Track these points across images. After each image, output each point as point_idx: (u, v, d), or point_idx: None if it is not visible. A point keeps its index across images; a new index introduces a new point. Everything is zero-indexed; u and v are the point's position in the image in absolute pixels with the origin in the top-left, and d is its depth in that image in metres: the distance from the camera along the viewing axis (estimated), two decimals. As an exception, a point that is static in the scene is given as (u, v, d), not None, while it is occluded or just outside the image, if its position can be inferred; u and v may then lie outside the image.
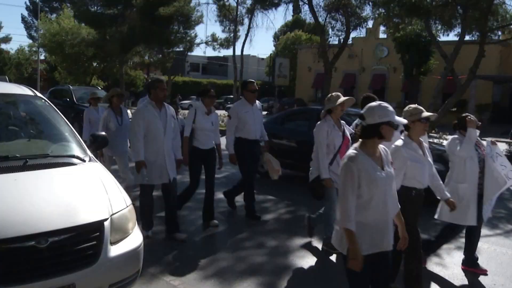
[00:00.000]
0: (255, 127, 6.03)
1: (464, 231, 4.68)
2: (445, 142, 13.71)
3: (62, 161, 3.47)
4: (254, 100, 6.06)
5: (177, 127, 5.41)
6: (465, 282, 4.38)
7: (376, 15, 18.40)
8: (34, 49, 41.10)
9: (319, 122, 4.93)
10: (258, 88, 6.39)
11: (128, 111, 7.44)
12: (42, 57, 39.42)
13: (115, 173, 5.26)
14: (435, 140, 13.72)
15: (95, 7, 27.21)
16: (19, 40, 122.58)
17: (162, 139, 4.97)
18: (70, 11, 29.44)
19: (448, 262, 4.86)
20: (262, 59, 61.71)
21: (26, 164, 3.21)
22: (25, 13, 61.52)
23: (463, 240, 5.35)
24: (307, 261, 4.77)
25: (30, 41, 48.90)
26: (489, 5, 13.61)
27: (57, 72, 31.86)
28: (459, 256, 5.00)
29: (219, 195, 7.54)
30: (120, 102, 6.90)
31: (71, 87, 16.63)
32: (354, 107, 7.11)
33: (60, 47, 26.80)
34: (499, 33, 17.79)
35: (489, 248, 5.37)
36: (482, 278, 4.45)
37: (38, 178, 3.16)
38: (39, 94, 4.12)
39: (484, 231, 6.04)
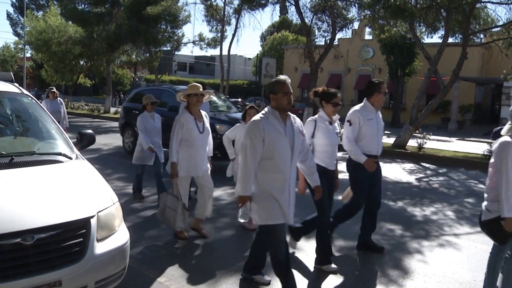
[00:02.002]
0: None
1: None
2: (428, 142, 13.97)
3: (48, 158, 3.47)
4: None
5: (306, 145, 3.84)
6: (446, 278, 4.48)
7: (362, 17, 18.58)
8: (20, 46, 40.54)
9: None
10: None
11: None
12: (28, 55, 38.91)
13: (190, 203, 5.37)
14: (419, 141, 13.97)
15: (83, 5, 26.96)
16: (4, 37, 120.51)
17: (289, 165, 3.49)
18: (57, 8, 29.11)
19: (429, 259, 4.96)
20: (249, 59, 61.76)
21: (12, 161, 3.21)
22: (11, 10, 60.59)
23: (446, 238, 5.50)
24: (292, 258, 4.82)
25: (16, 38, 48.20)
26: (472, 9, 13.86)
27: (43, 70, 31.49)
28: (440, 253, 5.12)
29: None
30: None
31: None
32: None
33: (46, 45, 26.49)
34: (481, 36, 18.11)
35: (470, 245, 5.50)
36: (462, 274, 4.56)
37: (24, 175, 3.16)
38: (25, 92, 4.10)
39: (465, 228, 6.23)
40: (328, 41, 19.46)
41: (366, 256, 5.00)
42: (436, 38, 48.73)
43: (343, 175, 5.38)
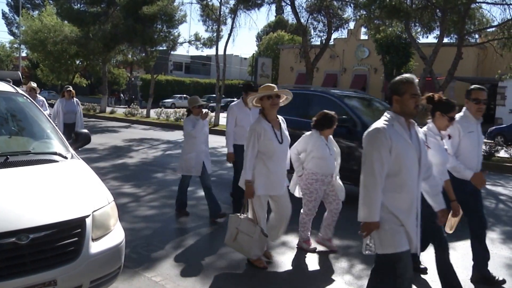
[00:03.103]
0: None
1: None
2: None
3: (43, 158, 3.46)
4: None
5: (430, 160, 3.36)
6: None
7: (358, 17, 18.64)
8: (15, 45, 40.39)
9: None
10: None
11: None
12: (23, 54, 38.75)
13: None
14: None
15: (78, 5, 26.91)
16: (0, 37, 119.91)
17: (416, 182, 2.97)
18: (53, 8, 29.03)
19: (423, 258, 4.98)
20: (245, 58, 61.82)
21: (7, 161, 3.20)
22: (6, 9, 60.36)
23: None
24: (287, 257, 4.85)
25: (11, 37, 48.08)
26: (467, 9, 13.93)
27: (39, 69, 31.41)
28: (433, 251, 5.13)
29: (203, 192, 7.59)
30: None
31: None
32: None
33: (42, 44, 26.45)
34: (476, 36, 18.23)
35: (464, 244, 5.51)
36: (457, 273, 4.58)
37: (19, 175, 3.15)
38: (20, 91, 4.09)
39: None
40: (324, 41, 19.52)
41: (361, 255, 5.01)
42: (431, 38, 48.93)
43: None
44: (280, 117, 4.46)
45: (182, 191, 6.20)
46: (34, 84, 9.09)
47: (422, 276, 4.48)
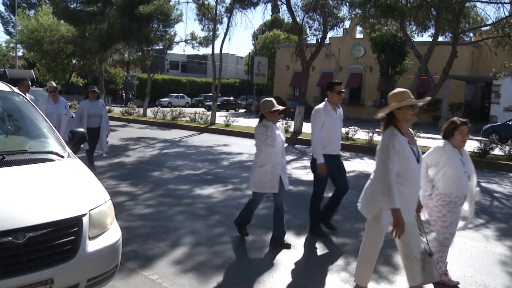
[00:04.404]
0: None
1: None
2: (419, 140, 14.07)
3: (40, 157, 3.47)
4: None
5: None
6: (435, 273, 4.54)
7: (353, 16, 18.69)
8: (11, 45, 40.21)
9: None
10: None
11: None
12: (20, 54, 38.58)
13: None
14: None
15: (74, 4, 26.83)
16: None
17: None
18: (49, 7, 28.93)
19: (419, 255, 5.02)
20: (241, 57, 61.87)
21: (3, 160, 3.21)
22: (2, 9, 60.09)
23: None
24: (283, 255, 4.87)
25: (7, 37, 47.86)
26: (461, 8, 14.00)
27: (35, 69, 31.31)
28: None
29: (199, 191, 7.62)
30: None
31: None
32: None
33: (38, 43, 26.35)
34: (471, 34, 18.32)
35: (459, 241, 5.56)
36: (452, 270, 4.62)
37: (16, 174, 3.16)
38: (16, 90, 4.09)
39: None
40: (319, 40, 19.54)
41: (357, 252, 5.04)
42: (426, 37, 49.14)
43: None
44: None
45: (250, 210, 5.32)
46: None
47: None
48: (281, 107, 5.00)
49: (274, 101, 5.06)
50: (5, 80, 10.63)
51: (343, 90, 5.44)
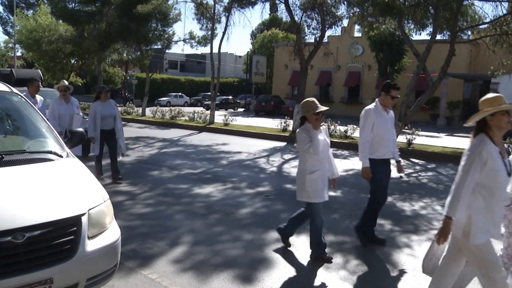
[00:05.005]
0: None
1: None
2: (417, 138, 14.12)
3: (39, 157, 3.48)
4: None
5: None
6: (433, 271, 4.56)
7: (351, 14, 18.68)
8: (10, 45, 40.17)
9: None
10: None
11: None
12: (18, 54, 38.53)
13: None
14: (408, 137, 14.11)
15: (73, 4, 26.81)
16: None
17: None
18: (47, 7, 28.91)
19: (418, 254, 5.04)
20: (240, 56, 61.87)
21: (2, 160, 3.21)
22: (0, 9, 59.95)
23: (435, 232, 5.55)
24: (282, 254, 4.88)
25: (6, 37, 47.87)
26: (459, 6, 13.99)
27: (34, 69, 31.29)
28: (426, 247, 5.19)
29: (198, 190, 7.63)
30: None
31: None
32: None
33: (37, 43, 26.34)
34: (469, 32, 18.33)
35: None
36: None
37: (15, 174, 3.16)
38: (15, 90, 4.10)
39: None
40: (317, 39, 19.54)
41: (356, 251, 5.07)
42: (424, 35, 49.12)
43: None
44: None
45: (318, 227, 4.63)
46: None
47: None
48: (325, 108, 4.51)
49: (317, 101, 4.54)
50: (12, 80, 10.36)
51: (398, 96, 5.05)
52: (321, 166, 4.55)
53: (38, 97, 7.58)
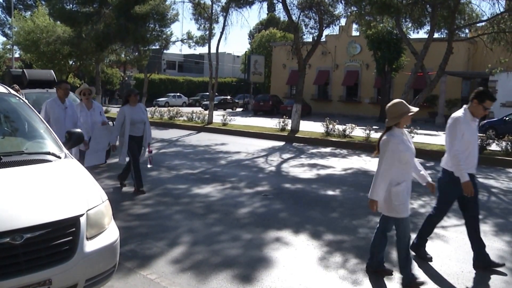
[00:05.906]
0: None
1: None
2: (416, 136, 14.14)
3: (37, 158, 3.47)
4: None
5: None
6: (433, 269, 4.56)
7: (349, 13, 18.71)
8: (8, 47, 40.13)
9: None
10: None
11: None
12: (16, 55, 38.48)
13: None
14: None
15: (71, 5, 26.81)
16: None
17: None
18: (45, 8, 28.90)
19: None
20: (238, 56, 61.85)
21: (0, 161, 3.21)
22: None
23: (434, 230, 5.59)
24: (281, 253, 4.88)
25: (4, 38, 47.87)
26: (456, 4, 14.03)
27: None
28: (428, 245, 5.20)
29: (197, 190, 7.62)
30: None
31: None
32: None
33: (35, 45, 26.33)
34: (467, 31, 18.36)
35: (457, 237, 5.59)
36: (450, 266, 4.65)
37: (13, 175, 3.16)
38: (13, 92, 4.09)
39: (452, 221, 6.32)
40: (315, 38, 19.56)
41: (355, 249, 5.07)
42: (422, 34, 49.05)
43: None
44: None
45: (407, 244, 4.16)
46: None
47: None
48: (415, 109, 4.02)
49: (405, 103, 4.07)
50: (24, 81, 10.04)
51: (490, 108, 4.62)
52: (406, 178, 4.10)
53: (67, 102, 6.45)
